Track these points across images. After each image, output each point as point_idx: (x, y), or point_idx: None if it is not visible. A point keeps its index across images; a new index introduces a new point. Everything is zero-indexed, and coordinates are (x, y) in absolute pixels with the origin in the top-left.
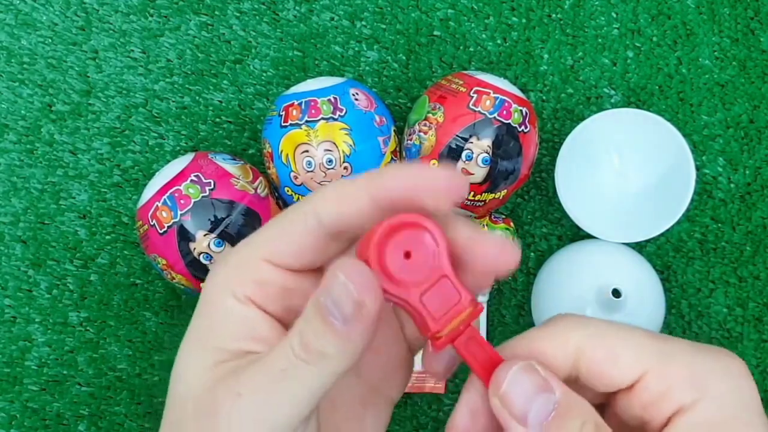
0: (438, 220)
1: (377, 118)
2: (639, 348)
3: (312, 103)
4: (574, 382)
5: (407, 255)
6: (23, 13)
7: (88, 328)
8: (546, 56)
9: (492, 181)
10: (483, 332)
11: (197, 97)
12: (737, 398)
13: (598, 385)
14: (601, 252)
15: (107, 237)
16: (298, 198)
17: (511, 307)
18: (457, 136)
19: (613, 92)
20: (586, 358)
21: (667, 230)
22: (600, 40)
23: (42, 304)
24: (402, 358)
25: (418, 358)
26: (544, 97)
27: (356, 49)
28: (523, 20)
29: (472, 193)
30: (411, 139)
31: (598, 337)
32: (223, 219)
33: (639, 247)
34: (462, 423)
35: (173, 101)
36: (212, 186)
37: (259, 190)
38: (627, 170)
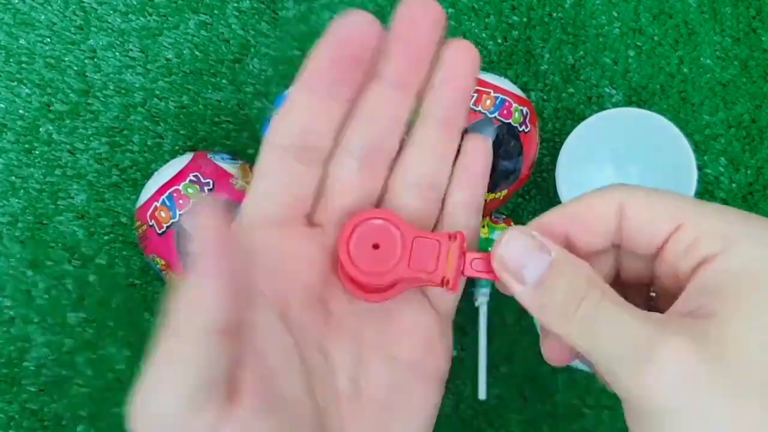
0: None
1: None
2: (676, 204)
3: None
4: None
5: (376, 246)
6: (21, 12)
7: (86, 328)
8: (547, 55)
9: (492, 181)
10: (483, 333)
11: (196, 97)
12: (762, 262)
13: (638, 246)
14: None
15: (106, 237)
16: None
17: (511, 308)
18: None
19: (614, 92)
20: (626, 219)
21: None
22: (601, 39)
23: (40, 304)
24: (437, 330)
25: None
26: (544, 97)
27: None
28: (524, 19)
29: None
30: None
31: (638, 197)
32: None
33: None
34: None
35: (172, 101)
36: (211, 186)
37: None
38: (628, 170)
